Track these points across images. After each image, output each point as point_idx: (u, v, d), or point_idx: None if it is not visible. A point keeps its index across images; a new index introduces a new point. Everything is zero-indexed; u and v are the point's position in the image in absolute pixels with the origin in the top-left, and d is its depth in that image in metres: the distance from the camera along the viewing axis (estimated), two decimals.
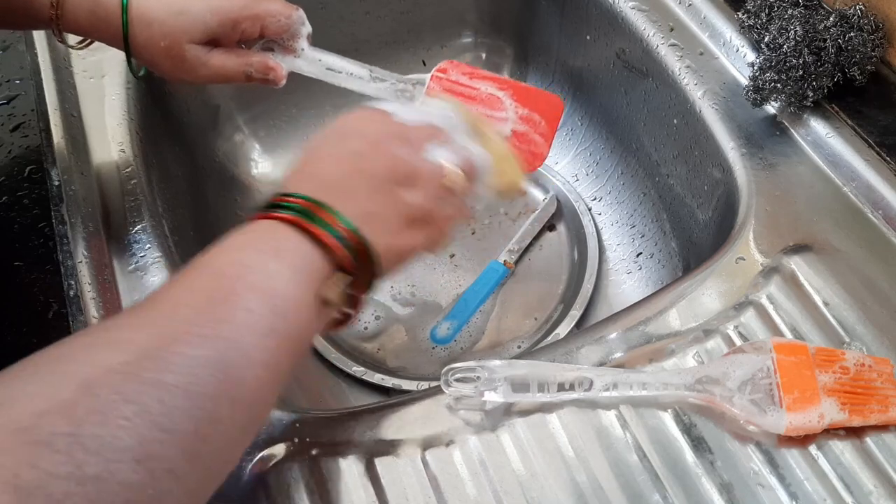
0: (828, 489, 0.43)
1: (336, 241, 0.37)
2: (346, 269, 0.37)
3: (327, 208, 0.37)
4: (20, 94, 0.63)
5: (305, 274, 0.36)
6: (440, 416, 0.46)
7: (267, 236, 0.37)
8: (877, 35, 0.59)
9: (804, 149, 0.60)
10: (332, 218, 0.37)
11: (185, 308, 0.32)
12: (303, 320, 0.36)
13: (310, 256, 0.36)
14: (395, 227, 0.40)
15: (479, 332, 0.73)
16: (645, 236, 0.77)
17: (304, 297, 0.36)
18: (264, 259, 0.35)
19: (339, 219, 0.37)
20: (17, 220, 0.55)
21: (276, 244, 0.36)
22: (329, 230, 0.37)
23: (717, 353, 0.48)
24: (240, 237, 0.37)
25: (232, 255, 0.35)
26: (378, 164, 0.40)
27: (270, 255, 0.36)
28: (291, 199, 0.38)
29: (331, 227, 0.37)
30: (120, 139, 0.62)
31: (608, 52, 0.76)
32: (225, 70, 0.54)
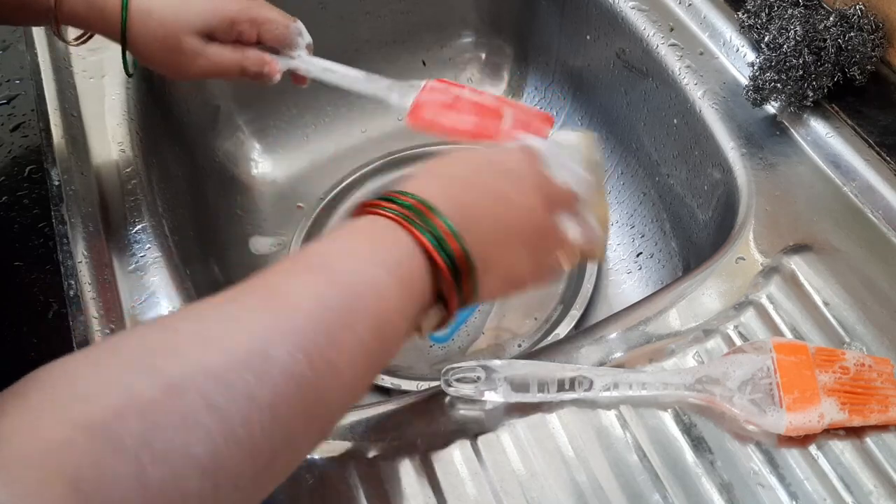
0: (828, 489, 0.43)
1: (436, 251, 0.35)
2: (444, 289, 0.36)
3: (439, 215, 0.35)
4: (20, 94, 0.63)
5: (412, 298, 0.35)
6: (440, 416, 0.46)
7: (380, 239, 0.35)
8: (877, 35, 0.59)
9: (804, 149, 0.60)
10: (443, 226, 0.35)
11: (298, 315, 0.30)
12: (397, 342, 0.35)
13: (417, 269, 0.35)
14: (501, 277, 0.39)
15: (477, 331, 0.73)
16: (645, 236, 0.76)
17: (405, 323, 0.35)
18: (380, 274, 0.33)
19: (451, 231, 0.35)
20: (17, 220, 0.55)
21: (388, 249, 0.34)
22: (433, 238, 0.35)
23: (717, 353, 0.48)
24: (353, 237, 0.35)
25: (349, 262, 0.34)
26: (512, 214, 0.39)
27: (386, 271, 0.34)
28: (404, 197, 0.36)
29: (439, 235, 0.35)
30: (120, 139, 0.62)
31: (608, 52, 0.76)
32: (221, 62, 0.54)
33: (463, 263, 0.36)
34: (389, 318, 0.33)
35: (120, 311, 0.51)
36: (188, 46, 0.52)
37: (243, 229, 0.79)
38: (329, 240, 0.36)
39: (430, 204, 0.36)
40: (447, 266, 0.35)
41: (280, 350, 0.29)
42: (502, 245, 0.38)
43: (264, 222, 0.81)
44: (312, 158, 0.87)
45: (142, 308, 0.52)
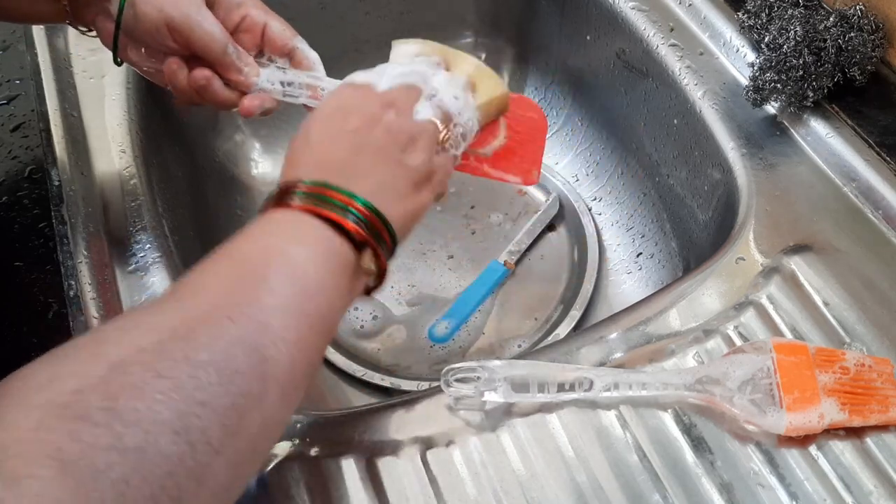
0: (828, 489, 0.43)
1: (353, 224, 0.38)
2: (368, 245, 0.38)
3: (340, 190, 0.38)
4: (20, 94, 0.63)
5: (329, 256, 0.37)
6: (440, 416, 0.46)
7: (288, 225, 0.37)
8: (877, 35, 0.59)
9: (804, 149, 0.60)
10: (347, 199, 0.38)
11: (211, 292, 0.33)
12: (331, 300, 0.36)
13: (331, 239, 0.37)
14: (406, 192, 0.42)
15: (477, 331, 0.73)
16: (645, 236, 0.76)
17: (329, 278, 0.37)
18: (289, 245, 0.36)
19: (354, 199, 0.38)
20: (17, 220, 0.55)
21: (298, 231, 0.37)
22: (346, 212, 0.38)
23: (717, 353, 0.48)
24: (260, 227, 0.38)
25: (256, 243, 0.37)
26: (378, 137, 0.42)
27: (294, 241, 0.36)
28: (302, 185, 0.39)
29: (347, 208, 0.38)
30: (120, 139, 0.62)
31: (608, 52, 0.76)
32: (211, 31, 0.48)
33: (370, 216, 0.39)
34: (305, 272, 0.35)
35: (120, 312, 0.51)
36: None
37: None
38: (236, 234, 0.38)
39: (324, 182, 0.38)
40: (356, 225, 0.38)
41: (203, 321, 0.31)
42: (383, 167, 0.41)
43: None
44: None
45: None
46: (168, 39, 0.48)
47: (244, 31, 0.51)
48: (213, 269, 0.35)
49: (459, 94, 0.47)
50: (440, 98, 0.46)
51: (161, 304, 0.33)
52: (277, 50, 0.52)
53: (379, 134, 0.42)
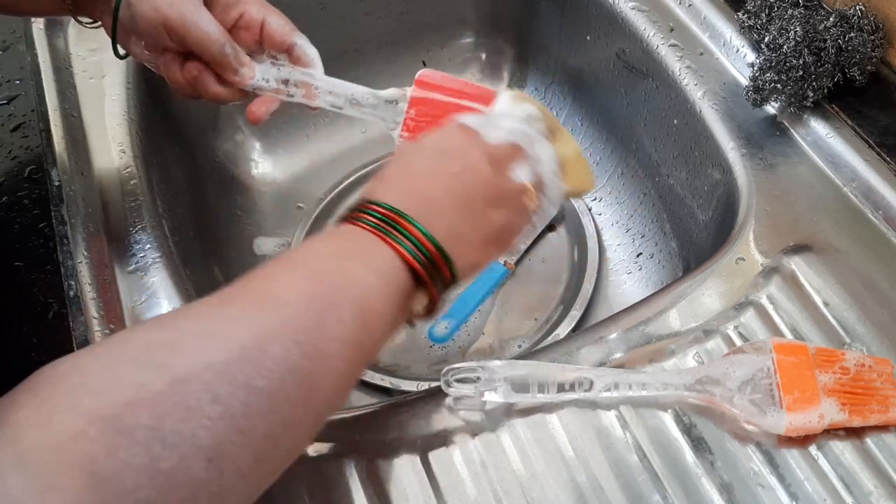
0: (828, 489, 0.43)
1: (413, 258, 0.37)
2: (426, 284, 0.38)
3: (414, 223, 0.38)
4: (20, 94, 0.63)
5: (392, 288, 0.37)
6: (440, 416, 0.46)
7: (364, 248, 0.37)
8: (877, 35, 0.59)
9: (804, 149, 0.60)
10: (418, 233, 0.38)
11: (286, 309, 0.32)
12: (384, 333, 0.37)
13: (398, 271, 0.37)
14: (478, 243, 0.42)
15: (477, 331, 0.73)
16: (645, 236, 0.76)
17: (389, 312, 0.37)
18: (362, 271, 0.36)
19: (425, 235, 0.38)
20: (17, 220, 0.55)
21: (372, 258, 0.37)
22: (411, 247, 0.37)
23: (717, 354, 0.48)
24: (338, 242, 0.38)
25: (332, 262, 0.36)
26: (470, 186, 0.41)
27: (367, 267, 0.36)
28: (378, 208, 0.38)
29: (415, 241, 0.38)
30: (120, 139, 0.62)
31: (608, 53, 0.76)
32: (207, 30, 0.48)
33: (439, 259, 0.38)
34: (372, 306, 0.35)
35: (120, 312, 0.52)
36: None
37: (243, 229, 0.79)
38: (310, 243, 0.38)
39: (400, 211, 0.38)
40: (423, 267, 0.38)
41: (273, 342, 0.31)
42: (467, 216, 0.41)
43: (264, 222, 0.81)
44: (312, 158, 0.87)
45: (142, 308, 0.52)
46: (165, 38, 0.48)
47: (242, 28, 0.51)
48: (292, 281, 0.34)
49: (556, 171, 0.46)
50: (540, 167, 0.45)
51: (239, 307, 0.32)
52: (276, 46, 0.52)
53: (473, 184, 0.42)
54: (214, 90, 0.51)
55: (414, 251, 0.37)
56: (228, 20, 0.50)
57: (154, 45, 0.51)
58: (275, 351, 0.31)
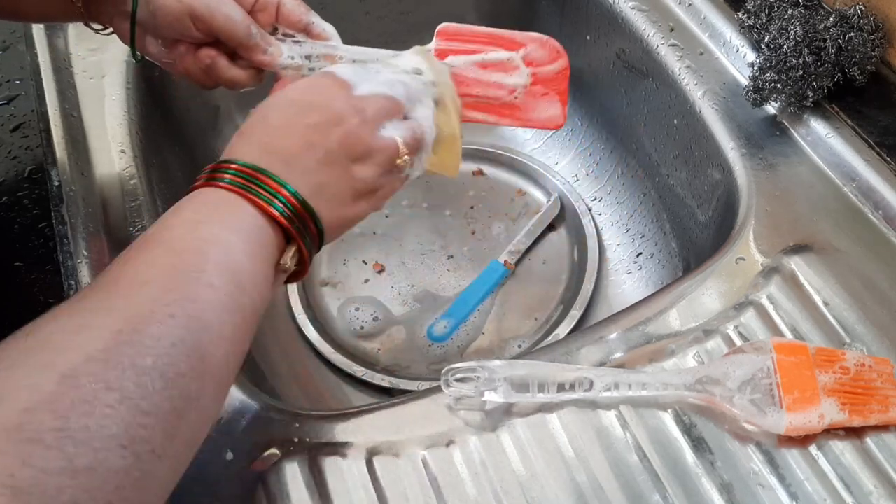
0: (828, 489, 0.43)
1: (279, 213, 0.37)
2: (294, 239, 0.38)
3: (272, 176, 0.38)
4: (20, 94, 0.63)
5: (259, 245, 0.37)
6: (440, 416, 0.46)
7: (222, 209, 0.37)
8: (877, 35, 0.58)
9: (804, 149, 0.60)
10: (277, 186, 0.38)
11: (151, 286, 0.32)
12: (262, 292, 0.37)
13: (263, 228, 0.37)
14: (344, 199, 0.42)
15: (476, 331, 0.73)
16: (645, 236, 0.76)
17: (261, 270, 0.37)
18: (224, 233, 0.36)
19: (285, 187, 0.38)
20: (17, 220, 0.55)
21: (232, 218, 0.37)
22: (274, 201, 0.37)
23: (717, 354, 0.48)
24: (193, 209, 0.37)
25: (192, 230, 0.35)
26: (333, 140, 0.41)
27: (229, 229, 0.36)
28: (234, 166, 0.38)
29: (278, 196, 0.38)
30: (120, 139, 0.62)
31: (608, 52, 0.76)
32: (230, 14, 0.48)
33: (304, 213, 0.39)
34: (240, 266, 0.35)
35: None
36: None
37: None
38: (163, 218, 0.37)
39: (260, 167, 0.38)
40: (289, 221, 0.38)
41: (146, 321, 0.31)
42: (331, 170, 0.41)
43: None
44: None
45: None
46: (191, 29, 0.48)
47: (259, 11, 0.51)
48: (150, 258, 0.34)
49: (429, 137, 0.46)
50: (417, 122, 0.45)
51: (101, 297, 0.32)
52: (293, 25, 0.52)
53: (335, 137, 0.41)
54: (231, 74, 0.51)
55: (279, 206, 0.37)
56: (247, 3, 0.50)
57: (170, 40, 0.51)
58: (151, 329, 0.30)
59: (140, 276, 0.33)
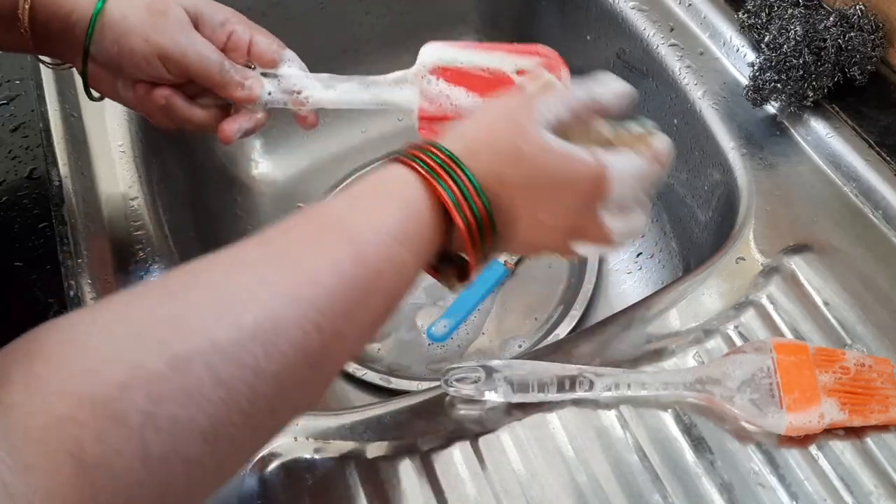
0: (828, 489, 0.43)
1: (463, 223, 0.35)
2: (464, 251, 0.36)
3: (479, 192, 0.35)
4: (20, 94, 0.63)
5: (424, 260, 0.35)
6: (440, 416, 0.46)
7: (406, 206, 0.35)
8: (877, 35, 0.58)
9: (804, 149, 0.60)
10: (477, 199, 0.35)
11: (318, 291, 0.30)
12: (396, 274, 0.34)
13: (436, 232, 0.35)
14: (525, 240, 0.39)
15: (476, 331, 0.72)
16: (645, 236, 0.76)
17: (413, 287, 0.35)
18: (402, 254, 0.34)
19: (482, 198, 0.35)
20: (17, 220, 0.55)
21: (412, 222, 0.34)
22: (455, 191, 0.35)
23: (717, 353, 0.48)
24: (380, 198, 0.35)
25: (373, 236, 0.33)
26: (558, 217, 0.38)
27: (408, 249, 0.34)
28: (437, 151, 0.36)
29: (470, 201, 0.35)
30: (120, 139, 0.62)
31: (608, 52, 0.76)
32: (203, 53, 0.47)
33: (486, 220, 0.36)
34: (403, 292, 0.34)
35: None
36: (175, 14, 0.46)
37: (243, 229, 0.79)
38: (348, 198, 0.35)
39: (458, 159, 0.36)
40: (465, 225, 0.35)
41: (293, 325, 0.29)
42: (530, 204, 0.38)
43: (265, 222, 0.81)
44: (312, 158, 0.87)
45: None
46: (160, 70, 0.47)
47: (230, 50, 0.49)
48: (325, 246, 0.32)
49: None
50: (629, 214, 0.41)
51: (254, 272, 0.30)
52: (266, 64, 0.50)
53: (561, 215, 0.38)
54: (189, 114, 0.49)
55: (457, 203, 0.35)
56: (218, 42, 0.49)
57: (132, 81, 0.48)
58: (292, 333, 0.28)
59: (311, 273, 0.30)
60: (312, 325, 0.29)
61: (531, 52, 0.51)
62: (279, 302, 0.29)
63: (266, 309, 0.28)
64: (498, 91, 0.48)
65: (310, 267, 0.31)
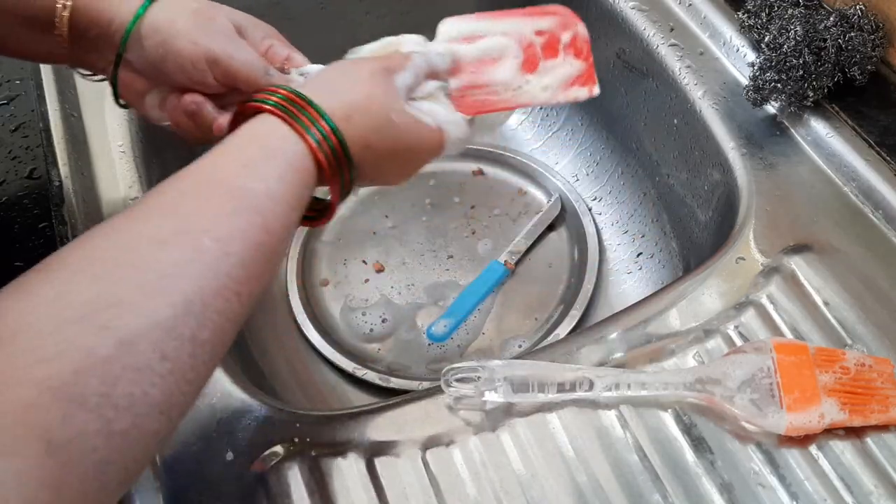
0: (828, 489, 0.43)
1: (326, 161, 0.40)
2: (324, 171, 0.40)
3: (314, 105, 0.40)
4: (20, 94, 0.63)
5: (304, 199, 0.39)
6: (440, 416, 0.46)
7: (278, 150, 0.38)
8: (877, 35, 0.59)
9: (804, 149, 0.60)
10: (317, 115, 0.39)
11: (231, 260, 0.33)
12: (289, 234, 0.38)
13: (308, 171, 0.39)
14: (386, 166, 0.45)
15: (476, 331, 0.73)
16: (645, 236, 0.76)
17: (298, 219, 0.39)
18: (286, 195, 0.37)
19: (324, 118, 0.40)
20: (17, 220, 0.55)
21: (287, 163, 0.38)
22: (312, 129, 0.39)
23: (717, 353, 0.48)
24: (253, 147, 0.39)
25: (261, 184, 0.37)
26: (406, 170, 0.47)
27: (287, 187, 0.37)
28: (282, 90, 0.40)
29: (315, 124, 0.39)
30: (120, 139, 0.62)
31: (608, 52, 0.76)
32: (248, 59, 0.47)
33: (341, 156, 0.41)
34: (291, 230, 0.38)
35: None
36: (221, 21, 0.48)
37: None
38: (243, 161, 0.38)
39: (309, 99, 0.40)
40: (328, 162, 0.40)
41: (217, 295, 0.32)
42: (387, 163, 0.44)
43: None
44: None
45: None
46: (206, 74, 0.47)
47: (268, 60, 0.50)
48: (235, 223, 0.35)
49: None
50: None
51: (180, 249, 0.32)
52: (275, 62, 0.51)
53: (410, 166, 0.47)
54: (216, 121, 0.49)
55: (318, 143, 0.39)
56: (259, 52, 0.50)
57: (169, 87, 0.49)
58: (218, 303, 0.32)
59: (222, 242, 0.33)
60: (232, 293, 0.33)
61: (547, 12, 0.52)
62: (202, 275, 0.32)
63: (193, 284, 0.31)
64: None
65: (224, 238, 0.34)
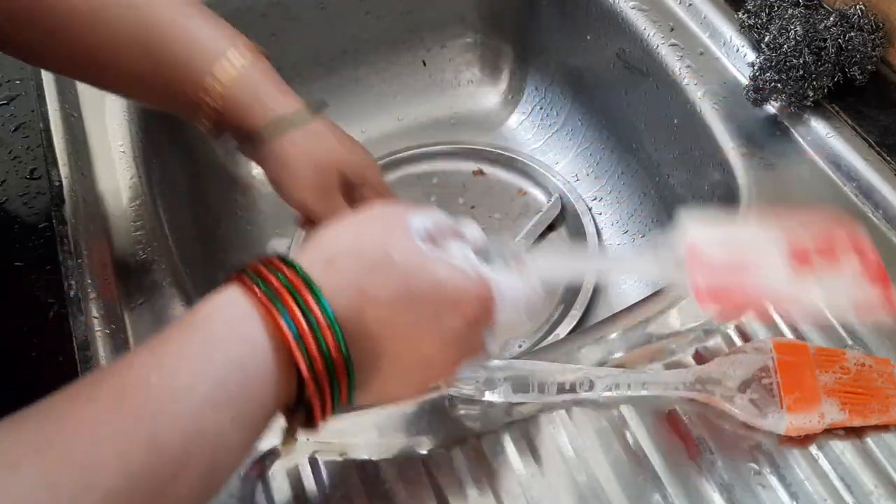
0: (828, 489, 0.43)
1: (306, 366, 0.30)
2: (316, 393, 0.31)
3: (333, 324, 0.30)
4: (20, 94, 0.63)
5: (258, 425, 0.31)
6: (440, 416, 0.46)
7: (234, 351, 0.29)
8: (877, 35, 0.58)
9: (804, 149, 0.60)
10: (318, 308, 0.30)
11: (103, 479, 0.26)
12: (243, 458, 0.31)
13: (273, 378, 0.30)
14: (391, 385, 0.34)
15: None
16: (645, 236, 0.76)
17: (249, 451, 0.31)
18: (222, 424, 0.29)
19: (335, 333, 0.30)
20: (17, 220, 0.55)
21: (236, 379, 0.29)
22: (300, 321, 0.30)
23: (717, 353, 0.48)
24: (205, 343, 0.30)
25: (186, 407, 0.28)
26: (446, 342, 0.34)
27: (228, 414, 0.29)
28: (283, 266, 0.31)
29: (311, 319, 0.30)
30: (120, 139, 0.62)
31: (608, 52, 0.76)
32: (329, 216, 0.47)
33: (338, 360, 0.30)
34: (234, 462, 0.30)
35: (120, 312, 0.51)
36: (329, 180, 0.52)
37: (244, 229, 0.79)
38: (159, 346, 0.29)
39: (309, 278, 0.30)
40: (309, 367, 0.30)
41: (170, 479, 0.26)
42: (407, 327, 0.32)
43: (264, 222, 0.81)
44: None
45: (142, 308, 0.52)
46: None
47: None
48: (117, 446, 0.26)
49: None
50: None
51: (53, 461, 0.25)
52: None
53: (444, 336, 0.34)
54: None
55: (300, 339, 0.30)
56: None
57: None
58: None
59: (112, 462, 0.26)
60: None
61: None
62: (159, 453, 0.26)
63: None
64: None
65: (97, 460, 0.26)
